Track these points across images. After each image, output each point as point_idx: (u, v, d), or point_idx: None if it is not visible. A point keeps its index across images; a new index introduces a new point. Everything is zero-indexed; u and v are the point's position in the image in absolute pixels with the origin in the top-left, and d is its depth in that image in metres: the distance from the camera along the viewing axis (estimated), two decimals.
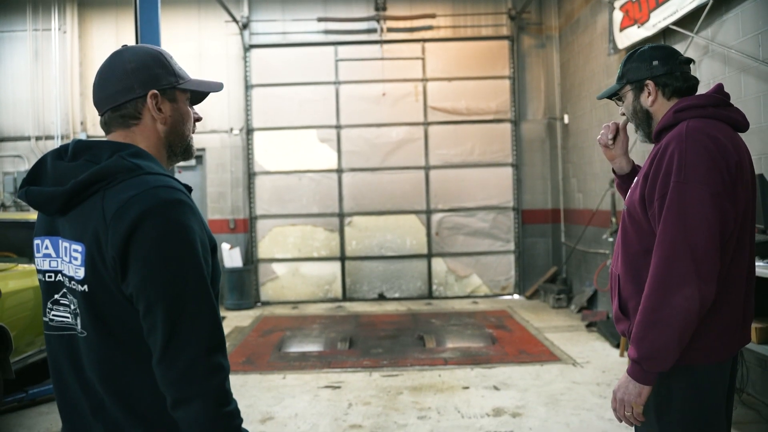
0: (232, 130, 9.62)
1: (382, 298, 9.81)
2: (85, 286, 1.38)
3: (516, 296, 9.78)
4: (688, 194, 1.83)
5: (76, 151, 1.45)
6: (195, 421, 1.33)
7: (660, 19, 5.74)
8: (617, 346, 6.27)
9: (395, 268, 9.88)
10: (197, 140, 9.73)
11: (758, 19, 4.58)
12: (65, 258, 1.43)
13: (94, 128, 9.75)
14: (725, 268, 1.90)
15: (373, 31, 9.74)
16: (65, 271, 1.43)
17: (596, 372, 5.60)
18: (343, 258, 9.84)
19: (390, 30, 9.74)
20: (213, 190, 9.75)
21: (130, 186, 1.36)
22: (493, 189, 9.87)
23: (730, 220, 1.86)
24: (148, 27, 5.91)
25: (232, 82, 9.59)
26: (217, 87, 1.63)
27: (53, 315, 1.48)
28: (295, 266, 9.83)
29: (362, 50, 9.76)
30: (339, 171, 9.81)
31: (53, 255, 1.47)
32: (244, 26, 9.62)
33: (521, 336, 7.13)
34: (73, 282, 1.41)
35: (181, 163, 2.87)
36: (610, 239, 7.34)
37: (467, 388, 5.27)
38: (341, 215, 9.82)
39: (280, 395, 5.20)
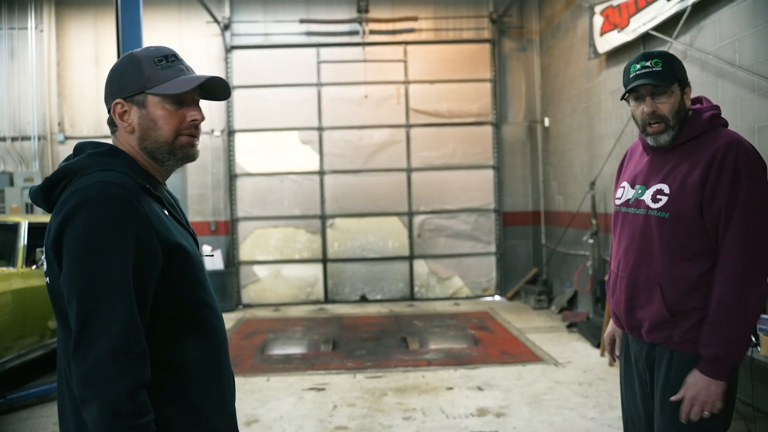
0: (213, 131, 9.56)
1: (364, 300, 9.82)
2: (48, 278, 1.44)
3: (497, 298, 9.85)
4: (760, 197, 1.98)
5: (75, 151, 1.52)
6: (93, 426, 1.29)
7: (640, 24, 5.84)
8: (598, 346, 6.35)
9: (377, 270, 9.89)
10: None
11: (735, 26, 4.68)
12: None
13: (71, 129, 9.64)
14: None
15: (355, 33, 9.76)
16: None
17: (578, 372, 5.66)
18: (325, 260, 9.83)
19: (372, 32, 9.77)
20: (194, 192, 9.68)
21: (80, 181, 1.38)
22: (474, 191, 9.93)
23: None
24: (129, 27, 5.88)
25: None
26: (198, 80, 1.49)
27: None
28: (276, 268, 9.80)
29: (344, 52, 9.77)
30: (321, 173, 9.80)
31: None
32: (226, 27, 9.58)
33: (503, 337, 7.19)
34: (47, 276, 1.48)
35: None
36: (591, 241, 7.43)
37: (451, 388, 5.30)
38: (323, 217, 9.82)
39: (264, 398, 5.18)
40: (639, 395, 2.22)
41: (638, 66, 2.13)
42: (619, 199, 2.28)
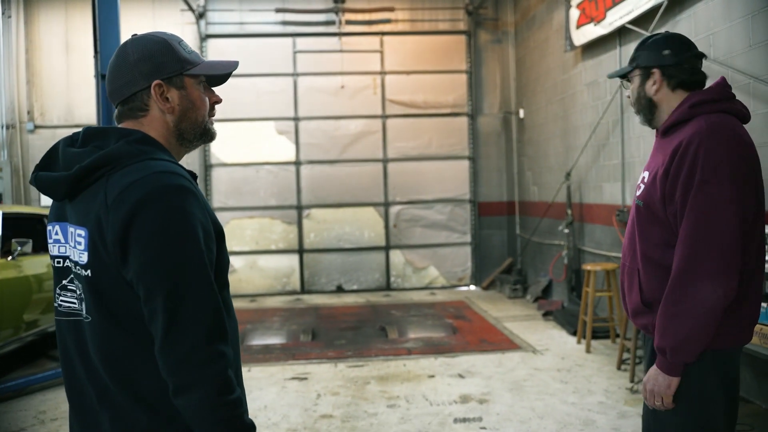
0: None
1: (340, 290, 9.85)
2: (89, 271, 1.39)
3: (472, 287, 9.97)
4: (712, 194, 1.88)
5: (86, 138, 1.46)
6: (196, 409, 1.32)
7: (616, 17, 5.94)
8: (574, 333, 6.49)
9: (353, 260, 9.92)
10: None
11: (710, 21, 4.80)
12: (71, 243, 1.44)
13: (41, 118, 9.44)
14: (746, 254, 1.95)
15: (331, 23, 9.72)
16: (72, 257, 1.45)
17: (556, 359, 5.78)
18: (301, 250, 9.83)
19: (348, 22, 9.75)
20: None
21: (133, 171, 1.36)
22: (450, 182, 10.01)
23: (749, 216, 1.93)
24: (106, 14, 5.78)
25: None
26: (232, 66, 1.58)
27: (61, 300, 1.49)
28: (252, 259, 9.76)
29: (321, 42, 9.74)
30: (297, 163, 9.78)
31: (62, 240, 1.49)
32: (201, 15, 9.46)
33: (481, 325, 7.29)
34: (78, 267, 1.42)
35: None
36: (566, 231, 7.57)
37: (433, 376, 5.37)
38: (299, 208, 9.80)
39: (247, 388, 5.16)
40: None
41: None
42: None
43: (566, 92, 7.72)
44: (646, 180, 2.11)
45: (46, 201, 9.16)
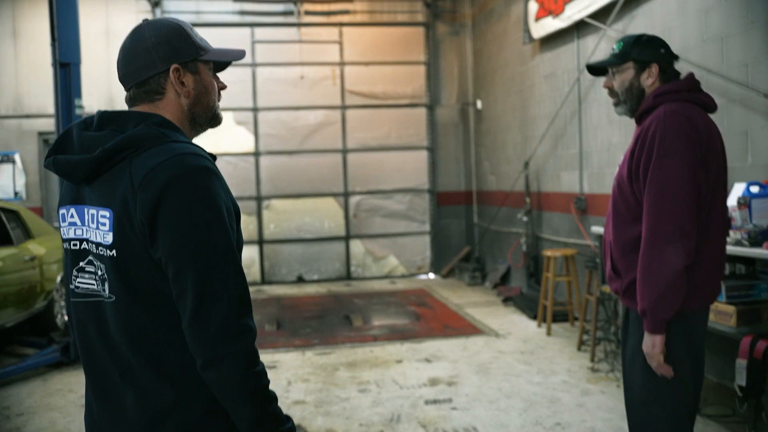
0: None
1: (301, 280, 9.87)
2: (114, 251, 1.41)
3: (432, 275, 10.13)
4: (668, 167, 2.15)
5: (102, 121, 1.48)
6: (226, 381, 1.37)
7: (575, 11, 6.13)
8: (534, 317, 6.70)
9: (314, 250, 9.95)
10: None
11: (665, 16, 5.02)
12: (92, 225, 1.45)
13: None
14: (703, 225, 2.20)
15: (290, 13, 9.69)
16: (91, 238, 1.46)
17: (518, 342, 5.97)
18: (261, 241, 9.80)
19: (307, 13, 9.73)
20: None
21: (157, 153, 1.39)
22: (409, 172, 10.13)
23: (703, 185, 2.18)
24: (65, 1, 5.65)
25: None
26: (240, 54, 1.64)
27: (79, 282, 1.50)
28: None
29: (279, 32, 9.69)
30: (256, 154, 9.73)
31: (78, 223, 1.49)
32: (156, 4, 9.28)
33: (443, 312, 7.44)
34: (100, 248, 1.44)
35: None
36: (525, 219, 7.78)
37: (400, 361, 5.48)
38: (259, 198, 9.76)
39: None
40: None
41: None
42: None
43: (524, 84, 7.91)
44: (620, 163, 2.40)
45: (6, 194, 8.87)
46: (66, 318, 6.35)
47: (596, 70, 2.54)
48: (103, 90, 8.87)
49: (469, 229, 10.30)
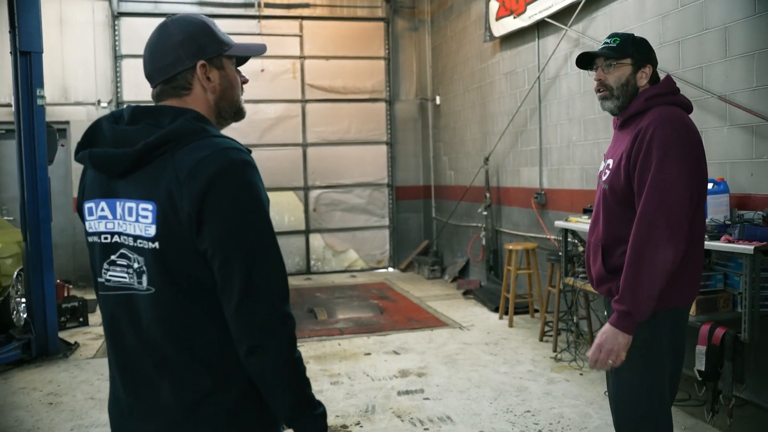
0: (99, 102, 9.05)
1: None
2: (156, 243, 1.43)
3: (391, 269, 10.24)
4: (666, 171, 2.19)
5: (135, 116, 1.50)
6: (270, 367, 1.43)
7: (536, 11, 6.31)
8: (495, 310, 6.88)
9: None
10: (60, 112, 9.01)
11: (624, 18, 5.23)
12: (129, 218, 1.46)
13: None
14: (691, 227, 2.28)
15: (250, 5, 9.61)
16: (127, 231, 1.47)
17: (482, 333, 6.13)
18: None
19: (267, 5, 9.66)
20: (79, 167, 9.11)
21: (199, 147, 1.43)
22: (368, 166, 10.21)
23: (695, 191, 2.25)
24: None
25: (99, 51, 9.03)
26: (262, 49, 1.68)
27: (110, 275, 1.51)
28: None
29: (239, 24, 9.59)
30: None
31: (110, 216, 1.50)
32: None
33: (406, 305, 7.56)
34: (140, 240, 1.45)
35: None
36: (484, 213, 7.96)
37: (369, 354, 5.57)
38: None
39: None
40: None
41: (603, 43, 2.47)
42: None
43: (484, 81, 8.08)
44: (611, 166, 2.42)
45: None
46: (24, 315, 6.19)
47: (582, 61, 2.55)
48: (57, 80, 8.63)
49: (427, 223, 10.45)
